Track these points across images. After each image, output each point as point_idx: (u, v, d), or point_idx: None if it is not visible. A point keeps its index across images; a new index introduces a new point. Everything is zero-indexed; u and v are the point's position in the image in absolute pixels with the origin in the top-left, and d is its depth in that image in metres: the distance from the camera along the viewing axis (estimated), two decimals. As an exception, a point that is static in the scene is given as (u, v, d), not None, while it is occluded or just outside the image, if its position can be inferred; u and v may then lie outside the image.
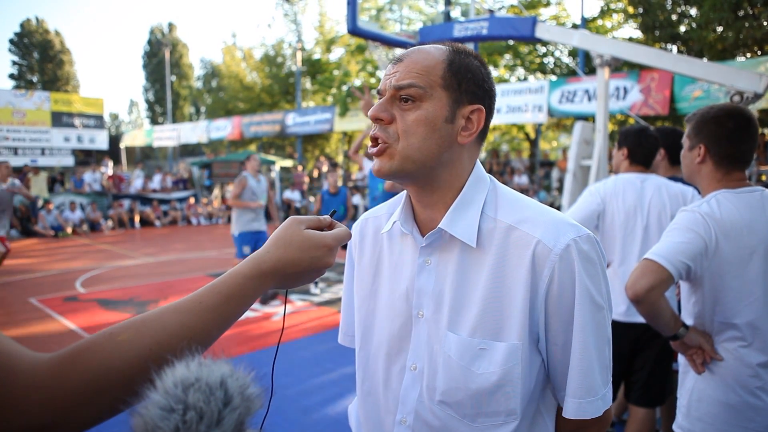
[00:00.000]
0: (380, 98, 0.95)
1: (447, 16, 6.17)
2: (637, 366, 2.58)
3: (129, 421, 0.53)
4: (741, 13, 11.24)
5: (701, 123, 1.73)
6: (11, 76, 39.73)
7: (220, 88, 28.37)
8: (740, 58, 11.79)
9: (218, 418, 0.51)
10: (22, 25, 40.16)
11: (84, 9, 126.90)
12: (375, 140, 0.93)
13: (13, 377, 0.57)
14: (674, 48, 13.13)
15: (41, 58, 39.74)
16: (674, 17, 12.93)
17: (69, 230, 13.63)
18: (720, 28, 11.64)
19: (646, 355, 2.55)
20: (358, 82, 21.65)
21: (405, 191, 1.04)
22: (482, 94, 0.95)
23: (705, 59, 11.02)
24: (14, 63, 40.04)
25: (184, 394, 0.51)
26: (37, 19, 40.42)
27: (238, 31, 78.64)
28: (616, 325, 2.49)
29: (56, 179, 18.27)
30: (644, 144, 2.58)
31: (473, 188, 0.97)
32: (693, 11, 12.56)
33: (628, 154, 2.61)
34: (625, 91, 11.49)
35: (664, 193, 2.50)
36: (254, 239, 6.16)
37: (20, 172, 16.01)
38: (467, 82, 0.93)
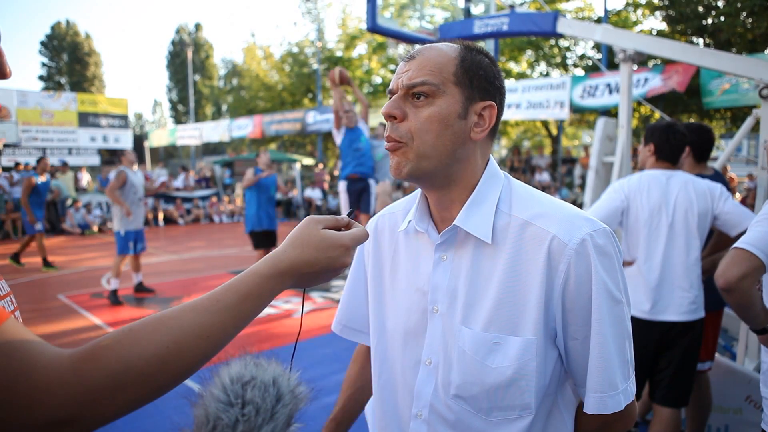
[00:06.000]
0: (391, 97, 0.96)
1: (467, 13, 6.12)
2: (662, 365, 2.54)
3: (191, 411, 0.59)
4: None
5: None
6: (40, 77, 40.78)
7: (242, 87, 28.66)
8: (770, 50, 11.48)
9: (272, 413, 0.56)
10: (52, 28, 41.20)
11: (109, 10, 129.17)
12: (388, 139, 0.94)
13: (34, 372, 0.59)
14: (701, 41, 12.84)
15: (70, 60, 40.66)
16: (700, 9, 12.63)
17: (95, 228, 13.94)
18: (749, 19, 11.34)
19: (671, 354, 2.51)
20: (379, 80, 21.65)
21: (419, 189, 1.05)
22: (493, 90, 0.96)
23: (733, 51, 10.76)
24: (43, 65, 41.06)
25: (242, 390, 0.56)
26: (68, 22, 41.42)
27: (265, 30, 79.32)
28: (640, 323, 2.45)
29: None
30: (672, 140, 2.51)
31: (487, 184, 0.97)
32: (720, 2, 12.26)
33: (655, 150, 2.54)
34: (646, 80, 11.29)
35: (690, 190, 2.44)
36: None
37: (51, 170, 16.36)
38: (479, 78, 0.94)
